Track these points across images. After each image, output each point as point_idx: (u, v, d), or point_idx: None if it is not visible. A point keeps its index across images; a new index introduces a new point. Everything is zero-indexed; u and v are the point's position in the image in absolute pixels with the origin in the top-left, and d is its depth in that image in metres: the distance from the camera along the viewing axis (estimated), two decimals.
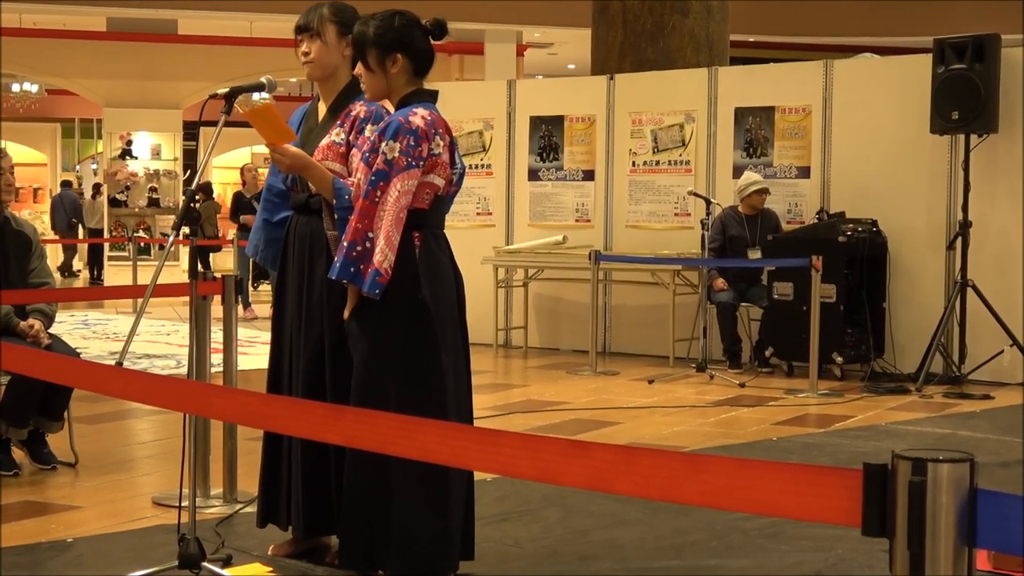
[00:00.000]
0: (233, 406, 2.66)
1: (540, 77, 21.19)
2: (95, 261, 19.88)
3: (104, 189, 19.75)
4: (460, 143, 5.64)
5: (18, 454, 5.40)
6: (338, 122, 3.94)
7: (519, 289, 10.50)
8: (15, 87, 22.08)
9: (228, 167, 23.29)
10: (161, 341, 10.77)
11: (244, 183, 14.05)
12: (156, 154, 19.71)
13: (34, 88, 22.07)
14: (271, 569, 3.92)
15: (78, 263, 22.20)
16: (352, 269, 3.50)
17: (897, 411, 7.37)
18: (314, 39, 3.97)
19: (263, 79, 4.16)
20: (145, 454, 6.04)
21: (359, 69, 3.75)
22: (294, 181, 4.02)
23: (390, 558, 3.57)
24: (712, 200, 9.03)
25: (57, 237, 20.84)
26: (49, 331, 5.36)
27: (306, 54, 3.99)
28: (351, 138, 3.87)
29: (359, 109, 3.92)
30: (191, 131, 21.26)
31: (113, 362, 3.53)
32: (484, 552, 4.00)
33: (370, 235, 3.51)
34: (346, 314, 3.63)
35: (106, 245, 19.38)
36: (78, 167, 25.74)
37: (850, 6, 19.17)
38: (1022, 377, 8.37)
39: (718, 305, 9.12)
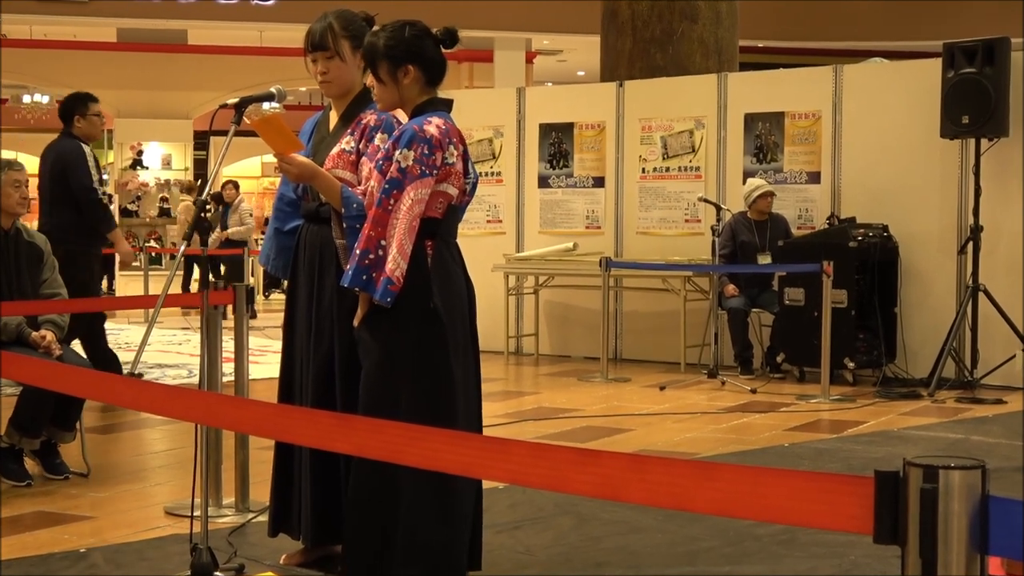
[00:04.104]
0: (245, 416, 2.66)
1: (550, 84, 21.20)
2: (105, 272, 19.87)
3: (116, 199, 19.77)
4: (470, 151, 5.60)
5: (31, 464, 5.41)
6: (349, 130, 3.94)
7: (530, 296, 10.50)
8: (26, 98, 22.14)
9: (239, 176, 23.33)
10: (173, 351, 10.78)
11: None
12: (167, 164, 19.75)
13: (45, 99, 22.13)
14: None
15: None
16: (364, 277, 3.50)
17: (909, 416, 7.36)
18: (331, 59, 3.95)
19: (273, 88, 4.16)
20: (157, 464, 6.05)
21: (370, 80, 3.74)
22: (304, 190, 4.03)
23: (396, 567, 3.56)
24: (722, 206, 9.03)
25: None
26: (61, 342, 5.37)
27: (324, 73, 3.95)
28: (361, 146, 3.87)
29: (369, 117, 3.92)
30: (202, 141, 21.31)
31: (125, 372, 3.53)
32: (496, 560, 4.00)
33: (383, 243, 3.50)
34: (356, 321, 3.63)
35: (117, 255, 19.39)
36: None
37: (859, 11, 19.16)
38: None
39: (729, 311, 9.11)
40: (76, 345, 6.60)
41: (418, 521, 3.52)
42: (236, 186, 15.69)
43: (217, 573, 3.74)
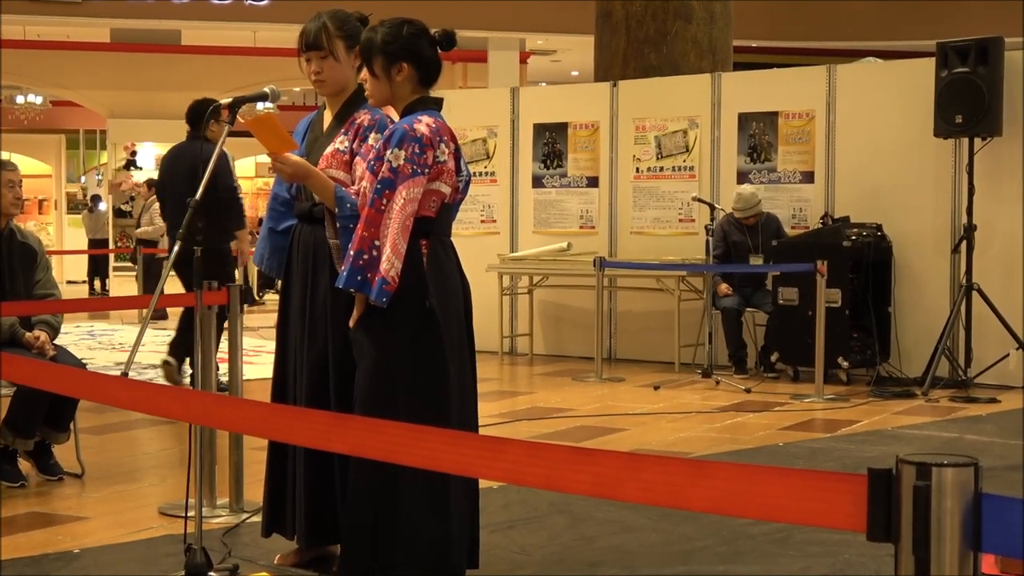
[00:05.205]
0: (239, 416, 2.66)
1: (543, 84, 21.21)
2: (97, 272, 19.83)
3: (110, 199, 19.77)
4: (464, 151, 5.55)
5: (24, 465, 5.40)
6: (343, 130, 3.94)
7: (524, 296, 10.51)
8: (19, 99, 22.12)
9: None
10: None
11: None
12: None
13: (38, 100, 22.12)
14: None
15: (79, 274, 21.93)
16: (359, 277, 3.50)
17: (903, 415, 7.36)
18: (325, 59, 3.95)
19: (266, 88, 4.16)
20: (151, 464, 6.04)
21: (364, 75, 3.74)
22: (298, 190, 4.03)
23: (395, 565, 3.55)
24: (716, 206, 9.04)
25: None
26: (55, 342, 5.36)
27: (317, 73, 3.95)
28: (355, 146, 3.87)
29: (363, 117, 3.92)
30: None
31: (119, 373, 3.53)
32: (491, 559, 4.00)
33: (376, 243, 3.50)
34: (352, 322, 3.63)
35: (111, 256, 19.38)
36: (83, 178, 25.78)
37: (853, 11, 19.18)
38: None
39: (723, 310, 9.11)
40: (72, 347, 6.60)
41: (417, 519, 3.52)
42: (150, 185, 15.52)
43: (211, 573, 3.74)
